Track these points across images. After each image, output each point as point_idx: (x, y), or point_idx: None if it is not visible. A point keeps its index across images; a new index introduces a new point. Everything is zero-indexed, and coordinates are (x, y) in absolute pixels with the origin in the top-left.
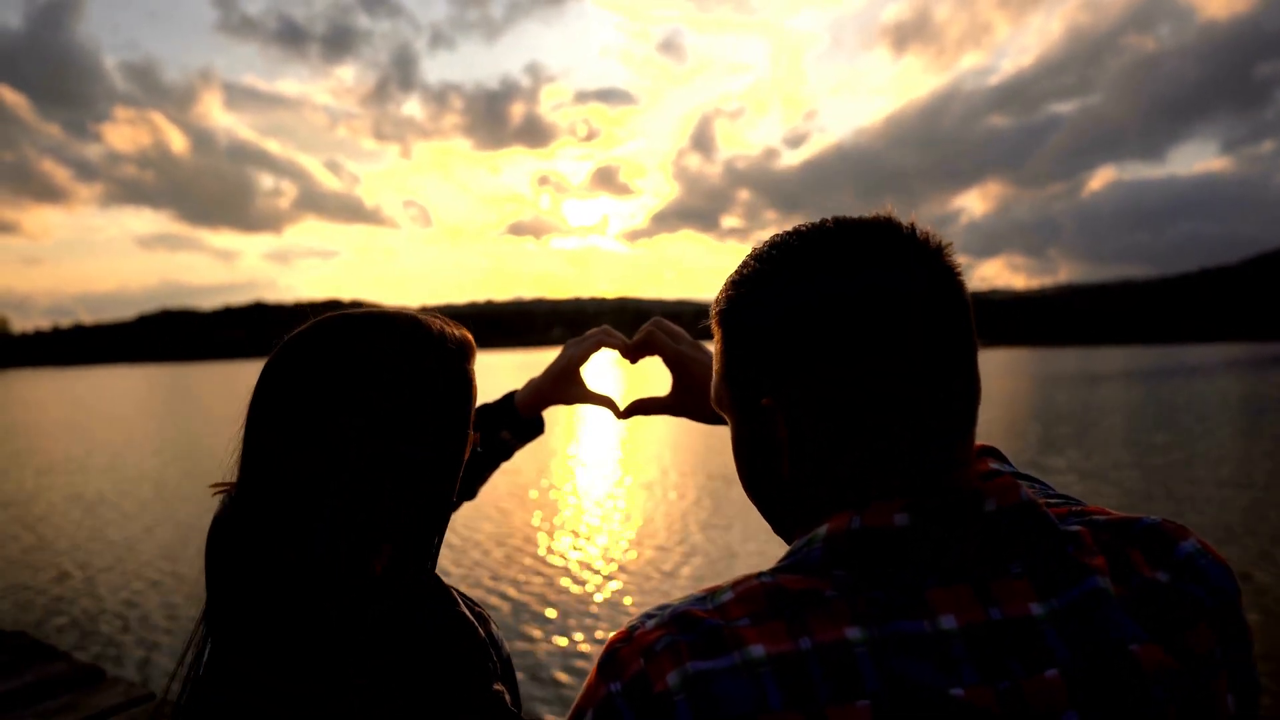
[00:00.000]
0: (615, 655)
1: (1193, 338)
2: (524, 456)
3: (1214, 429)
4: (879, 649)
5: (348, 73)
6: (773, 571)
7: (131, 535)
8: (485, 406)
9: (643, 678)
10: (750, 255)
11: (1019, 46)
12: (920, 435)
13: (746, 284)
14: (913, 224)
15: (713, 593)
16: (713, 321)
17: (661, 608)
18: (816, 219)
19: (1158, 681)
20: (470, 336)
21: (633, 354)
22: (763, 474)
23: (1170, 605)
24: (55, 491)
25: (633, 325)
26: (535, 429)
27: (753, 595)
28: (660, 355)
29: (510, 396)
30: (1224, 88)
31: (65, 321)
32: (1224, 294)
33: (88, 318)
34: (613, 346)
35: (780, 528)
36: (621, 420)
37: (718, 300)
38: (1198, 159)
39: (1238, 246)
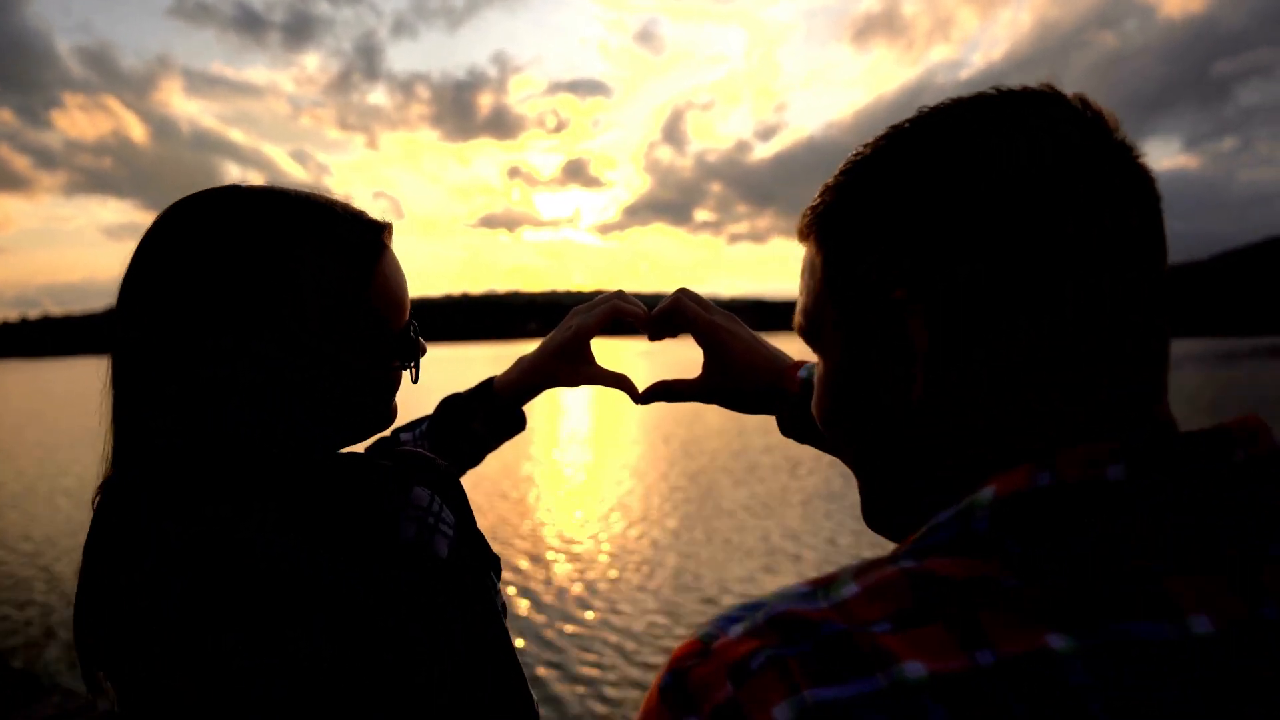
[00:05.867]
0: (687, 677)
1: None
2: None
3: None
4: (1099, 664)
5: (311, 60)
6: (913, 552)
7: (65, 539)
8: (454, 396)
9: (734, 711)
10: (860, 146)
11: (990, 39)
12: (1117, 355)
13: (863, 165)
14: (1080, 96)
15: (825, 585)
16: (803, 234)
17: (748, 606)
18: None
19: None
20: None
21: (654, 328)
22: (879, 406)
23: None
24: None
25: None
26: (515, 423)
27: (890, 587)
28: (691, 328)
29: (488, 382)
30: (1185, 85)
31: (33, 313)
32: (1195, 290)
33: (55, 309)
34: (629, 315)
35: (888, 495)
36: (641, 405)
37: (813, 204)
38: (1163, 155)
39: (1205, 243)
